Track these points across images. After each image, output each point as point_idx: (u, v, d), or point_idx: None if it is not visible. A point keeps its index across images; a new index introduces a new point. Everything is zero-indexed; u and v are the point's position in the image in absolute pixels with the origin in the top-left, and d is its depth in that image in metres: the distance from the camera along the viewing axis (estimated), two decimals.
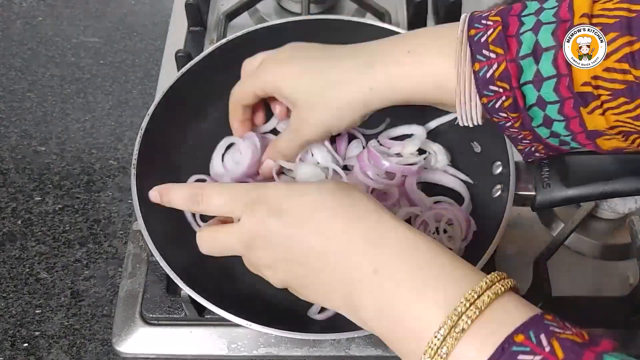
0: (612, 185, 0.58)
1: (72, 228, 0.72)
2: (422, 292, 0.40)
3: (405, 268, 0.41)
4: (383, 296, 0.41)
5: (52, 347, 0.64)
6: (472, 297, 0.38)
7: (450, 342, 0.37)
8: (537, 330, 0.35)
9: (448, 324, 0.37)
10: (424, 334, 0.38)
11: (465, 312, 0.37)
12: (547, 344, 0.34)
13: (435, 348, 0.37)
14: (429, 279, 0.40)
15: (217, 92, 0.73)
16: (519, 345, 0.35)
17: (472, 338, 0.37)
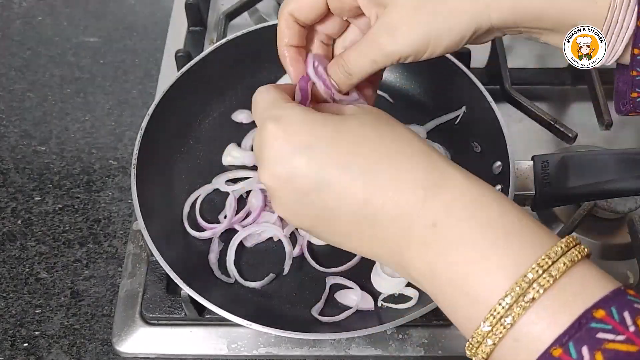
0: (612, 184, 0.59)
1: (72, 228, 0.72)
2: (487, 253, 0.35)
3: (468, 223, 0.36)
4: (441, 254, 0.36)
5: (52, 347, 0.64)
6: (545, 263, 0.33)
7: (517, 312, 0.32)
8: (620, 307, 0.31)
9: (516, 291, 0.32)
10: (486, 300, 0.33)
11: (537, 279, 0.32)
12: (632, 323, 0.30)
13: (498, 316, 0.33)
14: (496, 237, 0.35)
15: (217, 92, 0.73)
16: (598, 322, 0.31)
17: (543, 309, 0.32)
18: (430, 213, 0.37)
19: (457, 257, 0.36)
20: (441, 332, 0.62)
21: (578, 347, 0.30)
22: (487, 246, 0.35)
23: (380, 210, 0.38)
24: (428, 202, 0.37)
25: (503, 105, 0.73)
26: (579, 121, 0.77)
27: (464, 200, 0.37)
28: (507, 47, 0.80)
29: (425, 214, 0.37)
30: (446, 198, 0.37)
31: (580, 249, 0.35)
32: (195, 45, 0.84)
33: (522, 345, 0.32)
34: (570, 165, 0.60)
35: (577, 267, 0.34)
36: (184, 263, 0.59)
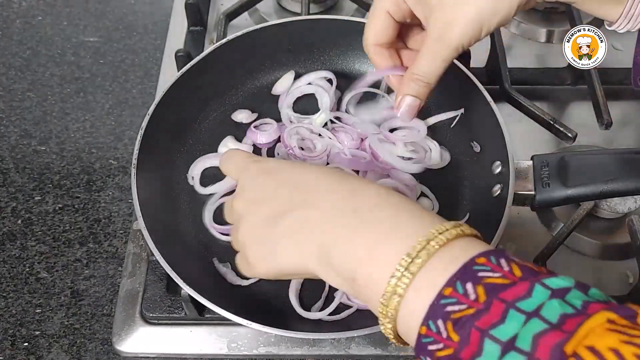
0: (612, 184, 0.59)
1: (72, 227, 0.72)
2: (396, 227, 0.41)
3: (380, 209, 0.43)
4: (357, 232, 0.42)
5: (52, 347, 0.64)
6: (440, 229, 0.40)
7: (418, 262, 0.38)
8: (498, 256, 0.37)
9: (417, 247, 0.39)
10: (393, 259, 0.39)
11: (434, 238, 0.39)
12: (507, 265, 0.37)
13: (402, 270, 0.39)
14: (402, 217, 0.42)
15: (217, 91, 0.73)
16: (480, 265, 0.37)
17: (438, 262, 0.38)
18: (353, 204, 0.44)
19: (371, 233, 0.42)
20: None
21: (463, 284, 0.36)
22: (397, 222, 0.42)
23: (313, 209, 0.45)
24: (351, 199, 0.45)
25: (503, 105, 0.73)
26: (579, 121, 0.77)
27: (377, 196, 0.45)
28: (507, 47, 0.80)
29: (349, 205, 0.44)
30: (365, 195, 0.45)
31: (467, 227, 0.41)
32: (195, 45, 0.84)
33: (422, 294, 0.38)
34: (570, 165, 0.60)
35: (465, 237, 0.40)
36: (184, 262, 0.59)
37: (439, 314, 0.36)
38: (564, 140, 0.71)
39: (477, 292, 0.35)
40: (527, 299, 0.34)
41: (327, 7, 0.90)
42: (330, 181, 0.47)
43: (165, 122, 0.67)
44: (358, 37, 0.58)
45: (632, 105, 0.80)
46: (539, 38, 0.87)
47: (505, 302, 0.34)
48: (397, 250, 0.40)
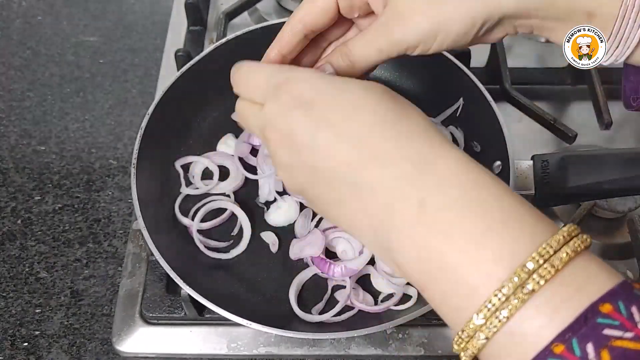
0: (612, 184, 0.59)
1: (71, 227, 0.72)
2: (482, 239, 0.32)
3: (462, 204, 0.33)
4: (428, 237, 0.33)
5: (52, 347, 0.64)
6: (546, 253, 0.30)
7: (514, 304, 0.29)
8: (627, 301, 0.28)
9: (514, 281, 0.30)
10: (480, 291, 0.30)
11: (537, 269, 0.30)
12: (638, 316, 0.28)
13: (493, 309, 0.30)
14: (491, 222, 0.32)
15: (216, 91, 0.73)
16: (605, 317, 0.28)
17: (543, 302, 0.29)
18: (419, 189, 0.34)
19: (447, 243, 0.32)
20: (441, 331, 0.62)
21: (582, 344, 0.28)
22: (481, 231, 0.32)
23: (363, 180, 0.35)
24: (415, 179, 0.34)
25: (503, 104, 0.73)
26: (579, 121, 0.77)
27: (457, 179, 0.34)
28: (507, 47, 0.80)
29: (411, 192, 0.34)
30: (436, 176, 0.34)
31: (582, 238, 0.32)
32: (195, 45, 0.84)
33: (518, 341, 0.30)
34: (570, 165, 0.60)
35: (579, 258, 0.31)
36: (184, 262, 0.59)
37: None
38: (564, 140, 0.71)
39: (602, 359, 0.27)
40: None
41: None
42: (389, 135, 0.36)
43: (165, 122, 0.67)
44: None
45: None
46: (539, 38, 0.87)
47: None
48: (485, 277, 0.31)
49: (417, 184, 0.34)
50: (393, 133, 0.36)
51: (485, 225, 0.32)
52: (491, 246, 0.31)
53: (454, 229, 0.32)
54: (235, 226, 0.65)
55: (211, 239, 0.64)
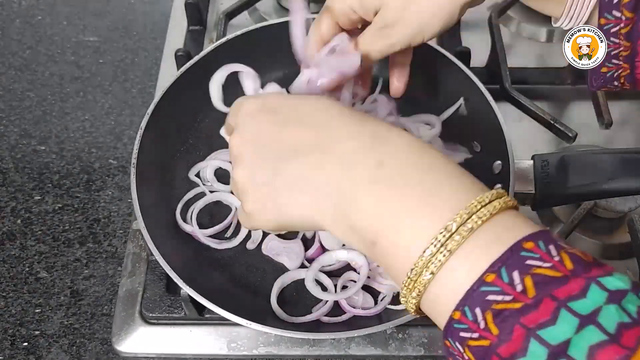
0: (612, 184, 0.59)
1: (71, 227, 0.72)
2: (433, 190, 0.37)
3: (412, 167, 0.39)
4: (386, 191, 0.38)
5: (51, 347, 0.64)
6: (484, 201, 0.36)
7: (457, 240, 0.35)
8: (546, 241, 0.34)
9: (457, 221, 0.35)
10: (428, 230, 0.36)
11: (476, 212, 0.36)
12: (557, 254, 0.33)
13: (439, 245, 0.35)
14: (441, 178, 0.38)
15: None
16: (528, 251, 0.33)
17: (479, 240, 0.35)
18: (377, 155, 0.39)
19: (401, 195, 0.38)
20: (441, 331, 0.62)
21: (509, 272, 0.33)
22: (430, 186, 0.38)
23: (327, 153, 0.41)
24: (375, 147, 0.40)
25: (503, 104, 0.73)
26: (579, 121, 0.77)
27: (408, 148, 0.40)
28: (507, 47, 0.80)
29: (371, 155, 0.40)
30: (392, 146, 0.40)
31: (510, 198, 0.38)
32: (195, 45, 0.84)
33: (458, 276, 0.35)
34: (570, 165, 0.60)
35: (509, 211, 0.37)
36: (184, 262, 0.59)
37: (477, 301, 0.33)
38: (564, 139, 0.71)
39: (525, 284, 0.32)
40: (582, 300, 0.31)
41: None
42: (347, 121, 0.42)
43: (165, 122, 0.66)
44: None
45: (632, 105, 0.80)
46: (539, 38, 0.87)
47: (556, 300, 0.31)
48: (432, 219, 0.36)
49: (376, 150, 0.40)
50: (349, 120, 0.42)
51: (432, 182, 0.38)
52: (438, 196, 0.37)
53: (406, 184, 0.38)
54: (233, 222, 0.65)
55: None
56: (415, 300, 0.37)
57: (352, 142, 0.40)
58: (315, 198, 0.41)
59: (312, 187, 0.41)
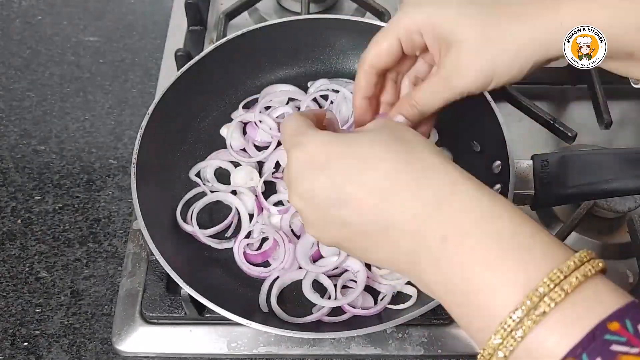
0: (611, 184, 0.59)
1: (71, 227, 0.72)
2: (497, 265, 0.35)
3: (479, 236, 0.36)
4: (451, 267, 0.37)
5: (52, 346, 0.64)
6: (557, 278, 0.33)
7: (528, 325, 0.33)
8: (634, 320, 0.31)
9: (527, 304, 0.33)
10: (497, 312, 0.34)
11: (548, 293, 0.33)
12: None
13: (508, 329, 0.33)
14: (506, 250, 0.36)
15: (216, 91, 0.73)
16: (613, 334, 0.30)
17: (555, 322, 0.32)
18: (440, 226, 0.38)
19: (468, 271, 0.36)
20: (441, 331, 0.62)
21: (592, 359, 0.30)
22: (495, 258, 0.35)
23: (392, 227, 0.40)
24: (437, 214, 0.38)
25: (503, 104, 0.73)
26: (579, 120, 0.77)
27: (474, 213, 0.38)
28: None
29: (435, 227, 0.38)
30: (456, 210, 0.38)
31: (594, 263, 0.34)
32: (195, 45, 0.84)
33: (534, 358, 0.33)
34: (570, 165, 0.60)
35: (590, 281, 0.34)
36: (184, 262, 0.59)
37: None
38: (564, 139, 0.71)
39: None
40: None
41: (327, 7, 0.90)
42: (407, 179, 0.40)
43: (165, 122, 0.67)
44: (358, 37, 0.59)
45: (632, 105, 0.80)
46: None
47: None
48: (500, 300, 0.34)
49: (439, 219, 0.38)
50: (408, 178, 0.40)
51: (499, 254, 0.35)
52: (505, 272, 0.35)
53: (471, 259, 0.36)
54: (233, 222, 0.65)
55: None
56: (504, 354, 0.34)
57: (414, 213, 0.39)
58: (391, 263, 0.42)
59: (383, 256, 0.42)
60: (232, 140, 0.70)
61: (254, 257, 0.62)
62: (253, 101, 0.74)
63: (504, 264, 0.35)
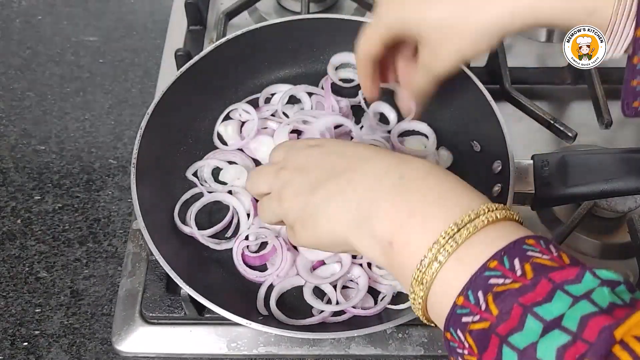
0: (612, 184, 0.59)
1: (71, 227, 0.72)
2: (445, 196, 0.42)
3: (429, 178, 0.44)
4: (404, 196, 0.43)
5: (51, 346, 0.64)
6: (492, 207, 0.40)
7: (465, 234, 0.39)
8: (547, 242, 0.37)
9: (465, 219, 0.39)
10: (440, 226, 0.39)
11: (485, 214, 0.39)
12: (556, 252, 0.36)
13: (447, 237, 0.39)
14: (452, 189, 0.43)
15: (216, 91, 0.73)
16: (529, 246, 0.37)
17: (486, 236, 0.39)
18: (399, 170, 0.45)
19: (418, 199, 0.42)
20: (441, 331, 0.62)
21: (511, 259, 0.36)
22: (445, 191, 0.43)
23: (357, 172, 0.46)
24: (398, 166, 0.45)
25: (503, 104, 0.73)
26: (579, 120, 0.77)
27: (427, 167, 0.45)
28: (506, 47, 0.80)
29: (395, 170, 0.45)
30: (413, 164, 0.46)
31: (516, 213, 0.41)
32: (195, 45, 0.84)
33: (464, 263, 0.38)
34: (570, 165, 0.60)
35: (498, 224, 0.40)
36: (184, 262, 0.59)
37: (480, 285, 0.36)
38: (564, 139, 0.71)
39: (524, 269, 0.35)
40: (576, 284, 0.33)
41: (326, 6, 0.90)
42: (376, 152, 0.48)
43: (164, 122, 0.67)
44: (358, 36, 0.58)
45: None
46: (539, 37, 0.87)
47: (553, 282, 0.34)
48: (442, 218, 0.40)
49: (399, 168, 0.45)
50: (384, 153, 0.48)
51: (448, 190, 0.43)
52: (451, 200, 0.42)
53: (423, 191, 0.43)
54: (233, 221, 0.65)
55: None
56: (423, 293, 0.40)
57: (379, 163, 0.46)
58: (344, 210, 0.45)
59: (342, 201, 0.46)
60: (229, 140, 0.70)
61: (252, 259, 0.62)
62: (253, 101, 0.74)
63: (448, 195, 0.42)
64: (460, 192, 0.43)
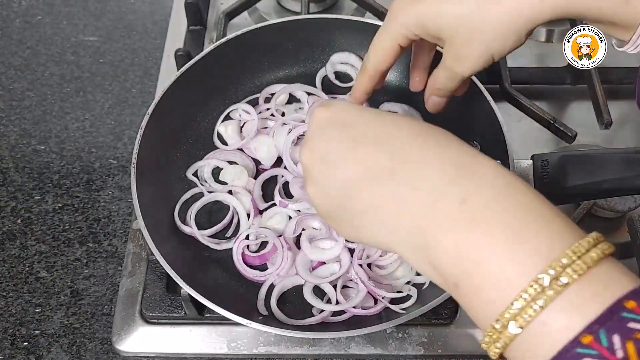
0: (612, 184, 0.59)
1: (71, 227, 0.72)
2: (518, 235, 0.34)
3: (501, 203, 0.35)
4: (469, 232, 0.35)
5: (51, 346, 0.64)
6: (579, 251, 0.33)
7: (550, 295, 0.32)
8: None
9: (550, 274, 0.32)
10: (515, 282, 0.33)
11: (571, 264, 0.32)
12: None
13: (529, 299, 0.32)
14: (527, 221, 0.35)
15: (216, 91, 0.73)
16: (629, 312, 0.30)
17: (574, 296, 0.32)
18: (460, 190, 0.36)
19: (485, 238, 0.35)
20: (441, 331, 0.62)
21: (609, 335, 0.30)
22: (518, 229, 0.34)
23: (404, 183, 0.38)
24: (458, 180, 0.37)
25: (503, 104, 0.73)
26: (579, 120, 0.77)
27: (495, 182, 0.37)
28: None
29: (454, 190, 0.37)
30: (476, 178, 0.37)
31: (608, 244, 0.34)
32: (195, 45, 0.84)
33: (549, 331, 0.32)
34: (570, 165, 0.60)
35: (605, 260, 0.34)
36: (184, 262, 0.59)
37: None
38: (563, 139, 0.71)
39: (627, 350, 0.29)
40: None
41: (326, 6, 0.90)
42: (425, 143, 0.39)
43: (165, 122, 0.67)
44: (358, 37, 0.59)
45: (632, 105, 0.80)
46: (539, 37, 0.87)
47: None
48: (520, 269, 0.33)
49: (459, 184, 0.37)
50: (430, 143, 0.39)
51: (521, 224, 0.35)
52: (527, 242, 0.34)
53: (493, 225, 0.35)
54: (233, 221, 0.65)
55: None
56: (499, 350, 0.34)
57: (431, 172, 0.38)
58: (391, 231, 0.39)
59: (386, 219, 0.39)
60: (229, 139, 0.70)
61: (251, 259, 0.62)
62: (253, 101, 0.74)
63: (525, 234, 0.34)
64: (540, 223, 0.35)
